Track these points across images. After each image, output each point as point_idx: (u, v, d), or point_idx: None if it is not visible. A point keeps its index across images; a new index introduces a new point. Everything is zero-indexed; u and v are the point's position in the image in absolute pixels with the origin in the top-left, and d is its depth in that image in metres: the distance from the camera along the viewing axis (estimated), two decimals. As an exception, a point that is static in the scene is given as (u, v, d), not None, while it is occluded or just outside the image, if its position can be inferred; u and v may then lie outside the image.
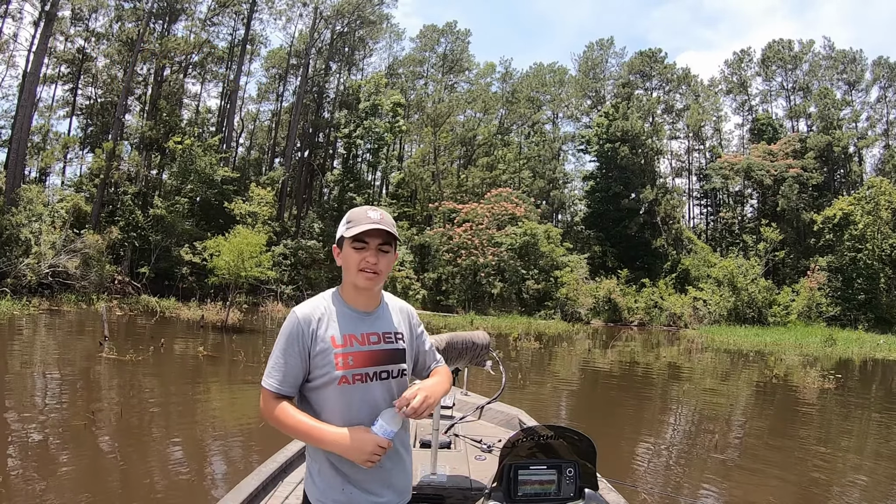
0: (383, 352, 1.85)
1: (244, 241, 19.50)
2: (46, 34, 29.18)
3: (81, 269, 23.79)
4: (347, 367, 1.77)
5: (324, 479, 1.81)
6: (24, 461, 5.60)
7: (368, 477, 1.80)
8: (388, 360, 1.86)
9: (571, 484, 2.09)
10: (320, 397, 1.80)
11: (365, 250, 1.81)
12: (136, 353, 11.66)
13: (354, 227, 1.80)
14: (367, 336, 1.84)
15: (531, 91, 52.43)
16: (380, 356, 1.84)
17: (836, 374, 14.32)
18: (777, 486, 6.29)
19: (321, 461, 1.81)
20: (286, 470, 3.12)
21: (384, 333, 1.88)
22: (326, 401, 1.79)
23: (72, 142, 36.58)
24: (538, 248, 36.04)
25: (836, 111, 44.93)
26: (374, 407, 1.79)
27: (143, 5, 35.30)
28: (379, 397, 1.82)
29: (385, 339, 1.87)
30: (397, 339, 1.91)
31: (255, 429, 7.52)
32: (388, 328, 1.91)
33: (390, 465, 1.84)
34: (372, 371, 1.81)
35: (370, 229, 1.79)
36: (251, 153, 49.34)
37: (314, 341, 1.78)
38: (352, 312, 1.87)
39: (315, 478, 1.83)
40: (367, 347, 1.82)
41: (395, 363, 1.87)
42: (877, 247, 34.81)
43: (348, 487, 1.79)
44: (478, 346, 3.89)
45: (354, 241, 1.81)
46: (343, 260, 1.86)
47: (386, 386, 1.84)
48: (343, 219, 1.88)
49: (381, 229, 1.80)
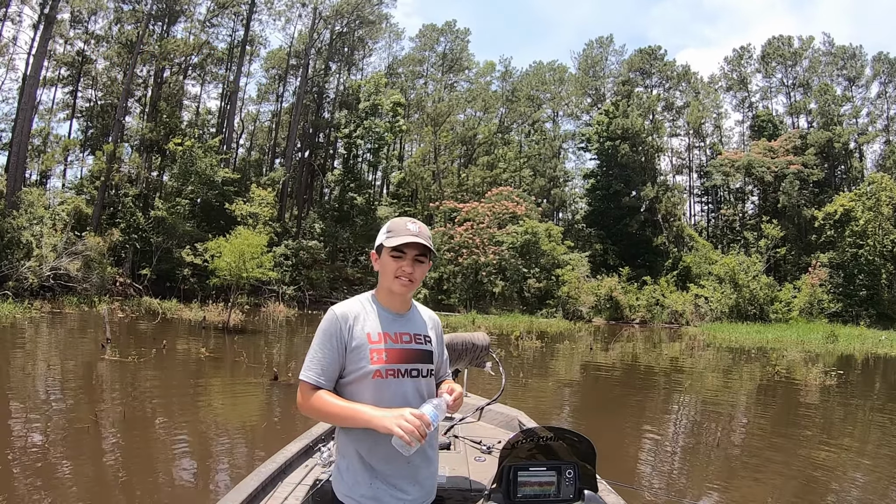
0: (414, 351, 1.97)
1: (245, 242, 19.49)
2: (46, 37, 29.23)
3: (83, 272, 23.83)
4: (381, 363, 1.88)
5: (352, 474, 1.89)
6: (28, 464, 5.62)
7: (397, 472, 1.89)
8: (419, 360, 1.97)
9: (571, 485, 2.09)
10: (354, 391, 1.90)
11: (402, 259, 1.94)
12: (138, 354, 11.68)
13: (394, 237, 1.93)
14: (401, 335, 1.97)
15: (531, 89, 52.47)
16: (411, 355, 1.96)
17: (837, 371, 14.30)
18: (779, 485, 6.29)
19: (351, 457, 1.90)
20: (285, 471, 3.12)
21: (415, 334, 2.01)
22: (360, 394, 1.88)
23: (72, 144, 36.65)
24: (539, 246, 36.05)
25: (836, 107, 44.88)
26: (404, 403, 1.87)
27: (142, 7, 35.37)
28: (409, 394, 1.92)
29: (416, 340, 2.00)
30: (426, 341, 2.04)
31: (256, 429, 7.55)
32: (419, 330, 2.04)
33: (419, 461, 1.92)
34: (404, 368, 1.92)
35: (409, 242, 1.92)
36: (251, 154, 49.40)
37: (351, 337, 1.89)
38: (386, 313, 1.99)
39: (343, 474, 1.91)
40: (400, 345, 1.95)
41: (425, 363, 1.99)
42: (878, 243, 34.80)
43: (376, 483, 1.87)
44: (478, 346, 3.90)
45: (393, 251, 1.94)
46: (381, 266, 2.00)
47: (415, 384, 1.94)
48: (383, 227, 2.02)
49: (418, 243, 1.92)
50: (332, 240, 36.60)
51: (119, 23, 36.45)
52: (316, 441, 3.47)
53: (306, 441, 3.43)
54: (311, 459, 3.28)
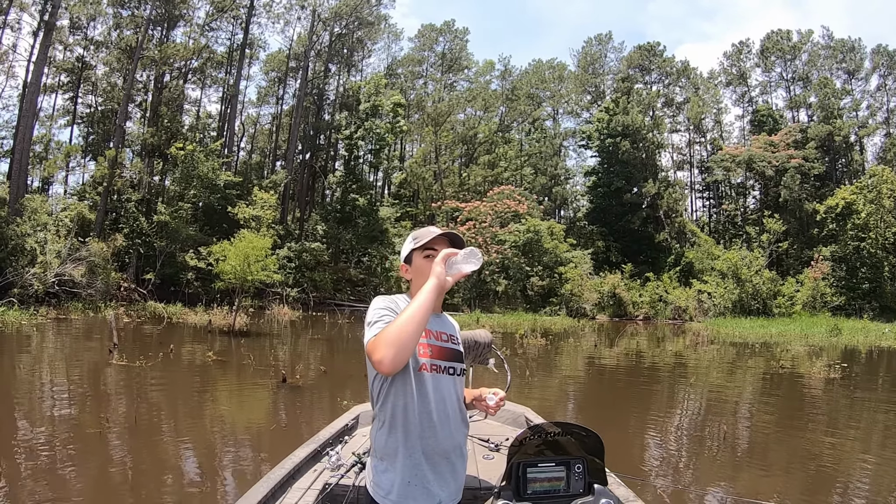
0: (451, 350, 2.03)
1: (250, 245, 19.55)
2: (46, 44, 29.24)
3: (87, 277, 23.87)
4: (428, 356, 1.93)
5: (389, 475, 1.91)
6: (37, 468, 5.67)
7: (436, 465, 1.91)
8: (455, 359, 2.03)
9: (580, 480, 2.10)
10: (398, 386, 1.88)
11: (434, 257, 1.96)
12: (145, 359, 11.74)
13: (422, 239, 2.02)
14: (440, 333, 2.03)
15: (531, 88, 52.43)
16: (449, 353, 2.02)
17: (841, 364, 14.32)
18: (784, 477, 6.33)
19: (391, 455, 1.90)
20: (294, 476, 3.11)
21: (451, 335, 2.08)
22: (406, 387, 1.88)
23: (74, 150, 36.67)
24: (542, 244, 36.05)
25: (836, 100, 44.74)
26: (444, 398, 1.93)
27: (141, 12, 35.37)
28: (448, 390, 1.96)
29: (452, 341, 2.06)
30: (458, 342, 2.10)
31: (265, 432, 7.59)
32: (452, 331, 2.11)
33: (455, 458, 1.97)
34: (443, 365, 1.97)
35: (437, 236, 2.01)
36: (253, 157, 49.46)
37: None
38: None
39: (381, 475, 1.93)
40: (440, 343, 2.00)
41: (459, 362, 2.05)
42: (880, 235, 34.74)
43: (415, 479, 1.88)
44: (480, 344, 3.91)
45: (425, 251, 2.01)
46: (414, 271, 2.05)
47: (452, 381, 1.99)
48: (408, 238, 2.09)
49: (442, 236, 2.02)
50: (335, 241, 36.63)
51: (118, 28, 36.45)
52: (324, 445, 3.46)
53: (314, 446, 3.42)
54: (320, 464, 3.26)
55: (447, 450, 1.91)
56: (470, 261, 1.92)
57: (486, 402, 2.21)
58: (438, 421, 1.90)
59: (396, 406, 1.88)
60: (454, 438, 1.95)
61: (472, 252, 1.92)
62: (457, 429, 1.97)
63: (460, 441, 1.98)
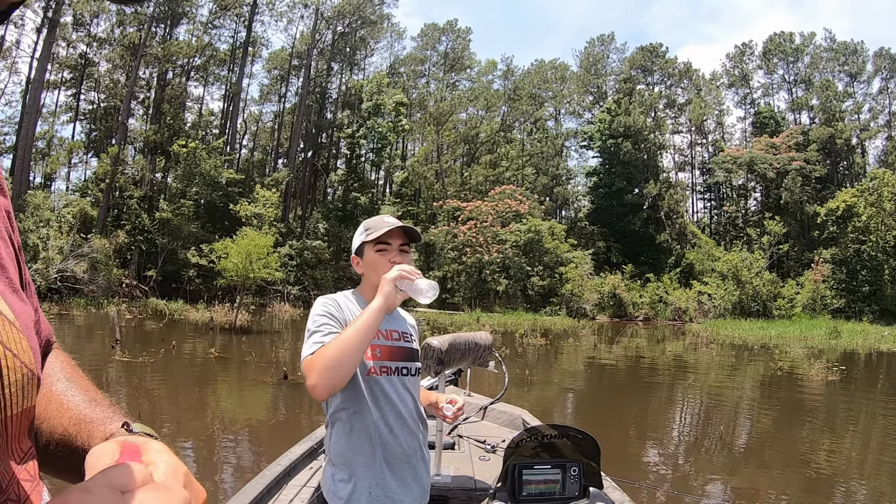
0: (403, 349, 1.90)
1: (252, 243, 19.60)
2: (49, 40, 29.35)
3: (89, 274, 23.96)
4: (376, 359, 1.81)
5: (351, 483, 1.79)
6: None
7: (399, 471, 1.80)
8: (408, 358, 1.90)
9: (576, 483, 2.12)
10: (348, 392, 1.77)
11: (387, 252, 1.86)
12: (147, 355, 11.80)
13: (374, 231, 1.86)
14: (390, 332, 1.89)
15: (533, 88, 52.36)
16: (401, 352, 1.89)
17: (841, 367, 14.37)
18: (782, 480, 6.37)
19: (351, 464, 1.79)
20: (290, 473, 3.13)
21: (403, 332, 1.94)
22: (356, 393, 1.77)
23: (76, 147, 36.76)
24: (542, 244, 36.07)
25: (838, 103, 44.76)
26: (396, 402, 1.81)
27: (144, 10, 35.40)
28: (401, 393, 1.84)
29: (404, 338, 1.93)
30: (412, 339, 1.97)
31: (265, 429, 7.66)
32: (405, 328, 1.97)
33: (416, 461, 1.87)
34: (394, 366, 1.85)
35: (390, 229, 1.85)
36: (255, 155, 49.45)
37: (343, 326, 1.77)
38: None
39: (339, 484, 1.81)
40: (391, 342, 1.87)
41: (412, 361, 1.92)
42: (881, 238, 34.73)
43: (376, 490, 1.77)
44: (480, 346, 3.95)
45: (377, 245, 1.87)
46: (366, 265, 1.91)
47: (403, 382, 1.86)
48: (359, 229, 1.94)
49: (398, 229, 1.87)
50: (336, 240, 36.67)
51: (121, 25, 36.52)
52: (320, 443, 3.46)
53: (311, 443, 3.44)
54: (316, 461, 3.29)
55: (408, 454, 1.82)
56: (426, 294, 1.72)
57: (443, 411, 2.04)
58: (396, 425, 1.79)
59: (349, 413, 1.77)
60: (413, 441, 1.85)
61: (432, 286, 1.73)
62: (415, 431, 1.87)
63: (420, 443, 1.89)
